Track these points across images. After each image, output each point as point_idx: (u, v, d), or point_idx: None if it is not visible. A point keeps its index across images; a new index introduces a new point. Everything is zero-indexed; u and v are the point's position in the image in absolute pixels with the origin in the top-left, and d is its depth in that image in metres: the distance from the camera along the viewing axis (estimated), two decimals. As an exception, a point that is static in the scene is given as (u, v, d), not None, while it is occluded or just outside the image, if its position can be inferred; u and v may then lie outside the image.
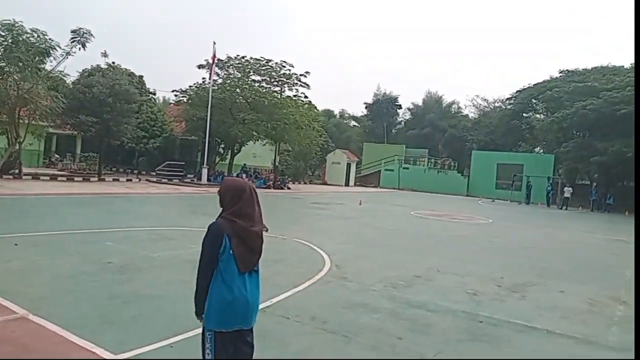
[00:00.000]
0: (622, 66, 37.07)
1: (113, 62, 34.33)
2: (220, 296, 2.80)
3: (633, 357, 3.53)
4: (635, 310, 4.62)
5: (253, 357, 3.02)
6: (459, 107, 60.52)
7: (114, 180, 25.82)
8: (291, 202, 22.53)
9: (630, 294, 7.69)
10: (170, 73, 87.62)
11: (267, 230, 3.04)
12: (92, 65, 30.98)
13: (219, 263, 2.80)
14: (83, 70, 26.74)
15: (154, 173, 30.21)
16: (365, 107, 61.29)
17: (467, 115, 58.91)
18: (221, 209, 2.91)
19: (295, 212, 18.67)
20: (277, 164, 37.59)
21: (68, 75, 24.62)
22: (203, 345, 2.89)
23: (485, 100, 57.56)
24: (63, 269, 6.67)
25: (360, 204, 22.41)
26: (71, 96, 23.85)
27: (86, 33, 21.88)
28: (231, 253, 2.79)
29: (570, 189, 31.89)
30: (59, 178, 23.60)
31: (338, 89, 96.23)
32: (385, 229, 14.64)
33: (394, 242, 11.82)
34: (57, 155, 33.65)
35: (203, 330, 2.89)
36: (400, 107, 61.22)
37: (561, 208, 31.21)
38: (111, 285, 6.01)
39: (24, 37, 20.07)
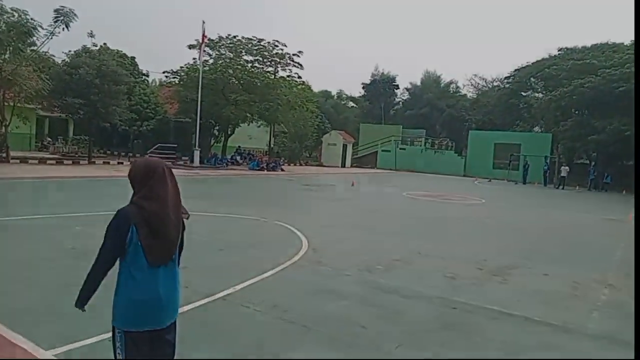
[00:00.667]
0: (622, 43, 36.33)
1: (104, 44, 33.63)
2: (127, 293, 2.48)
3: (632, 355, 3.24)
4: (635, 309, 4.30)
5: (175, 356, 2.71)
6: (457, 87, 59.79)
7: (104, 163, 25.48)
8: (281, 184, 22.20)
9: (618, 276, 7.42)
10: (167, 55, 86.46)
11: (187, 217, 2.69)
12: (83, 46, 30.37)
13: (126, 255, 2.47)
14: (69, 51, 26.13)
15: (147, 156, 29.83)
16: (363, 88, 60.59)
17: (465, 95, 58.19)
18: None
19: (283, 195, 18.35)
20: (272, 145, 37.20)
21: (54, 56, 24.12)
22: (114, 343, 2.57)
23: (483, 79, 56.85)
24: (21, 255, 6.37)
25: (352, 185, 22.08)
26: (57, 78, 23.33)
27: (70, 12, 21.28)
28: (139, 244, 2.45)
29: (567, 168, 31.50)
30: (48, 161, 23.24)
31: (336, 69, 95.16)
32: (374, 210, 14.33)
33: (379, 225, 11.51)
34: (49, 139, 33.26)
35: (113, 327, 2.57)
36: (397, 87, 60.58)
37: (558, 187, 30.87)
38: (67, 273, 5.68)
39: (5, 17, 19.52)
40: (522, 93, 45.08)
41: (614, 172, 31.34)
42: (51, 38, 21.62)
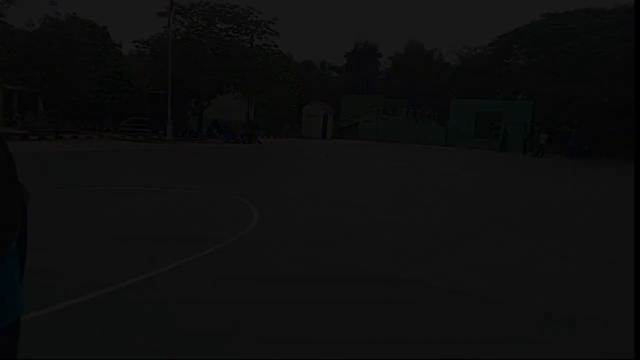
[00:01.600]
0: (604, 8, 35.72)
1: (74, 14, 32.19)
2: None
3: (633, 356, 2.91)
4: (635, 306, 3.94)
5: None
6: (440, 55, 59.02)
7: (72, 137, 24.65)
8: (251, 158, 21.65)
9: (577, 246, 7.13)
10: (145, 24, 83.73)
11: (28, 198, 2.18)
12: (45, 15, 28.98)
13: None
14: (29, 20, 24.92)
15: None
16: (345, 57, 59.56)
17: (449, 64, 57.48)
18: None
19: (250, 168, 17.79)
20: (250, 117, 36.42)
21: (12, 26, 22.96)
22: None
23: (466, 47, 56.07)
24: None
25: (326, 157, 21.62)
26: (17, 49, 22.27)
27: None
28: None
29: (545, 135, 31.31)
30: (12, 137, 22.35)
31: (319, 39, 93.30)
32: (341, 182, 13.93)
33: (343, 196, 11.09)
34: (17, 114, 32.18)
35: None
36: (380, 55, 59.69)
37: (536, 155, 30.71)
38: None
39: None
40: (505, 60, 44.39)
41: (594, 139, 31.21)
42: (8, 6, 20.56)
